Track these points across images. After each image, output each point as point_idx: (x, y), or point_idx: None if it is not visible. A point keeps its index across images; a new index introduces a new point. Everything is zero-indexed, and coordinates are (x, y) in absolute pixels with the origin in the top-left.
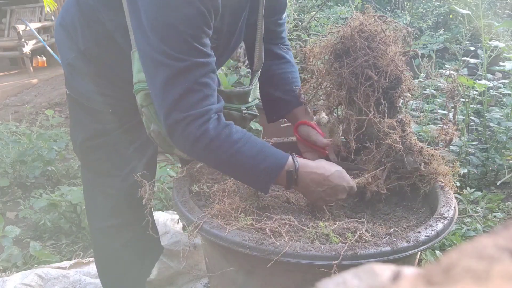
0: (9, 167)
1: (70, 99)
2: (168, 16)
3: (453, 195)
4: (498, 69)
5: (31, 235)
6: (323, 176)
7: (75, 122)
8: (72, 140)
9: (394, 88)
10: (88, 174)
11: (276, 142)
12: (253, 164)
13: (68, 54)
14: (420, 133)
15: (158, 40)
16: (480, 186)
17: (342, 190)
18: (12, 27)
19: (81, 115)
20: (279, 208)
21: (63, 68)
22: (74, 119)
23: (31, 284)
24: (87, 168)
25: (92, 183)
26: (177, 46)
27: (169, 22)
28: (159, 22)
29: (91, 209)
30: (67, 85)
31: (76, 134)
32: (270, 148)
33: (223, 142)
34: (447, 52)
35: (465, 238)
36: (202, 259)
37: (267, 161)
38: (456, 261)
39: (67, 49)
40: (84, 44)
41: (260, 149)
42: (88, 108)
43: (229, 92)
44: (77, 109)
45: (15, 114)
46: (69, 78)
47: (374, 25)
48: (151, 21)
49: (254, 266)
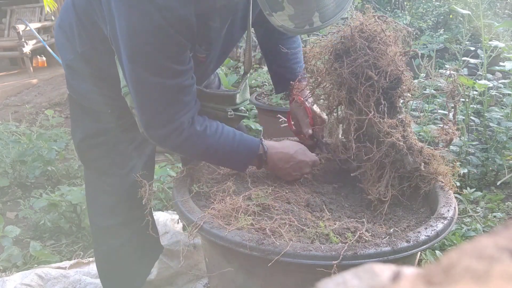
0: (9, 167)
1: (70, 99)
2: (141, 44)
3: (453, 195)
4: (498, 69)
5: (31, 235)
6: (288, 155)
7: (75, 121)
8: (73, 139)
9: (394, 88)
10: (88, 172)
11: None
12: (229, 156)
13: (67, 56)
14: (420, 133)
15: (132, 60)
16: (480, 186)
17: (306, 165)
18: (12, 27)
19: (81, 115)
20: (279, 208)
21: (64, 69)
22: (74, 118)
23: (31, 284)
24: (87, 167)
25: (93, 181)
26: (151, 67)
27: (143, 49)
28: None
29: (92, 208)
30: (67, 85)
31: (76, 133)
32: (241, 137)
33: (197, 141)
34: (447, 52)
35: (465, 238)
36: (202, 259)
37: (241, 152)
38: (456, 261)
39: (66, 51)
40: (81, 47)
41: (232, 142)
42: (87, 108)
43: (212, 94)
44: (77, 109)
45: (15, 114)
46: (69, 78)
47: (374, 25)
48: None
49: (254, 266)
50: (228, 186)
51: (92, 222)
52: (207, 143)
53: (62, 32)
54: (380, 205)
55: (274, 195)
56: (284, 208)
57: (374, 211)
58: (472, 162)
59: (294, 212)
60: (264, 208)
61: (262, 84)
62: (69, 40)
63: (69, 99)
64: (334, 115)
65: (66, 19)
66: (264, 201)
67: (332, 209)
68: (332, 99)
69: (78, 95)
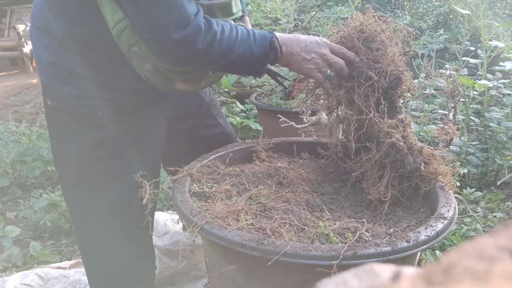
0: (9, 167)
1: (52, 111)
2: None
3: (453, 195)
4: (498, 69)
5: (31, 235)
6: (299, 38)
7: (63, 138)
8: (60, 160)
9: (394, 88)
10: (76, 192)
11: (276, 142)
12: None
13: (46, 53)
14: (420, 133)
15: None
16: (480, 186)
17: (319, 45)
18: (12, 27)
19: (70, 127)
20: (279, 208)
21: (40, 77)
22: (61, 135)
23: (31, 284)
24: (75, 186)
25: (81, 201)
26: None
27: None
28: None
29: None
30: (47, 95)
31: (66, 152)
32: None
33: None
34: (447, 52)
35: (465, 238)
36: (202, 259)
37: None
38: (456, 261)
39: (44, 49)
40: (60, 30)
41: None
42: (78, 115)
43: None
44: (64, 120)
45: (15, 114)
46: (51, 84)
47: (374, 25)
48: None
49: (254, 266)
50: (228, 186)
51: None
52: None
53: (36, 30)
54: (380, 205)
55: (274, 195)
56: (284, 208)
57: (374, 211)
58: (472, 162)
59: (294, 212)
60: (264, 208)
61: (262, 84)
62: (46, 32)
63: (51, 111)
64: (334, 115)
65: (37, 15)
66: (264, 201)
67: (332, 209)
68: (332, 99)
69: (64, 102)
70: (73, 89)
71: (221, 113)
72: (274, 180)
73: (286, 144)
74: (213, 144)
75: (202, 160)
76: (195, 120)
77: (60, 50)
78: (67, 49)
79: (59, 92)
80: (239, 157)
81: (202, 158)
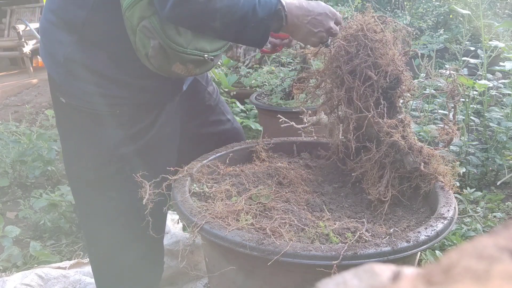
0: (9, 167)
1: (66, 108)
2: None
3: (453, 195)
4: (498, 69)
5: (31, 235)
6: (305, 7)
7: (78, 135)
8: (71, 157)
9: (393, 88)
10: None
11: (276, 142)
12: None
13: (63, 49)
14: (420, 133)
15: None
16: (480, 186)
17: (327, 17)
18: (12, 27)
19: (87, 125)
20: (279, 208)
21: (54, 74)
22: (75, 131)
23: (31, 284)
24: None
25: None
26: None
27: None
28: None
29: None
30: (61, 92)
31: (81, 149)
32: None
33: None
34: (447, 52)
35: (465, 238)
36: (202, 259)
37: (263, 5)
38: (456, 261)
39: (60, 45)
40: (80, 19)
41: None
42: (96, 114)
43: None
44: (79, 118)
45: (15, 114)
46: (67, 81)
47: (374, 25)
48: None
49: (254, 266)
50: (228, 186)
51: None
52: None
53: (51, 25)
54: (380, 205)
55: (274, 195)
56: (284, 208)
57: (374, 211)
58: (472, 162)
59: (294, 212)
60: (264, 208)
61: (262, 84)
62: (63, 26)
63: (64, 108)
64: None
65: (51, 11)
66: (264, 201)
67: (332, 209)
68: (332, 99)
69: (80, 98)
70: (91, 86)
71: (228, 110)
72: (274, 180)
73: (286, 144)
74: (224, 140)
75: (202, 160)
76: (205, 117)
77: (78, 47)
78: (86, 45)
79: (76, 89)
80: (239, 157)
81: (202, 158)
